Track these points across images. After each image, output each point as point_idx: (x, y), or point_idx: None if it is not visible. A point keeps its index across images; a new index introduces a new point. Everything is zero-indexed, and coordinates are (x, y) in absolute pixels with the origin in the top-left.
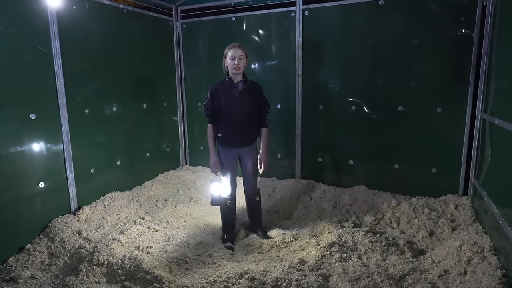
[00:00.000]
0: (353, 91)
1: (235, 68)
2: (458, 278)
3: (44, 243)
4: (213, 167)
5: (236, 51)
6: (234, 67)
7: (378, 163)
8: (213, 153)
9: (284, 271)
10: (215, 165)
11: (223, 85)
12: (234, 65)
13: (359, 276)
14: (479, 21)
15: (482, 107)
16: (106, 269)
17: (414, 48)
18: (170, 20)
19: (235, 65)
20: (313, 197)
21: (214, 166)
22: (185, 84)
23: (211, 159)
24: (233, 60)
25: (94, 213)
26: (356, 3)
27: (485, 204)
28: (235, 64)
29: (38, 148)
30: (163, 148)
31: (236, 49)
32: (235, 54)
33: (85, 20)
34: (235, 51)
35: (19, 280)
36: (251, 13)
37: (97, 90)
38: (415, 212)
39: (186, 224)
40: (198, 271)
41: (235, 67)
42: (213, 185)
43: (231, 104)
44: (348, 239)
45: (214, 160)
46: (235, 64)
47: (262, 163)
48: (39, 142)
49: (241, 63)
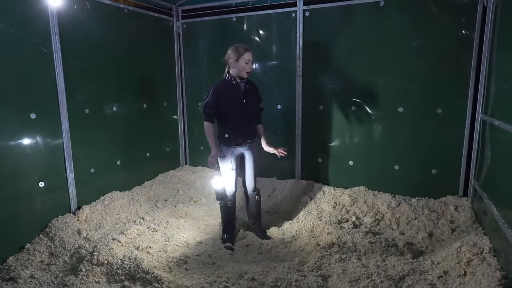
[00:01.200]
0: (353, 91)
1: (248, 72)
2: (457, 280)
3: (43, 243)
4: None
5: (251, 55)
6: (247, 71)
7: (378, 164)
8: (214, 147)
9: (284, 272)
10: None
11: (226, 85)
12: (248, 70)
13: (359, 277)
14: (480, 22)
15: (482, 108)
16: (106, 269)
17: (414, 49)
18: (171, 20)
19: (249, 69)
20: (313, 198)
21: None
22: (186, 84)
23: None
24: (247, 64)
25: (94, 213)
26: (357, 4)
27: (485, 206)
28: (249, 68)
29: (38, 148)
30: (163, 148)
31: (250, 54)
32: (250, 58)
33: (86, 19)
34: (250, 56)
35: (18, 279)
36: (252, 14)
37: (97, 90)
38: (415, 213)
39: (186, 224)
40: (198, 271)
41: (247, 72)
42: (214, 179)
43: (237, 104)
44: (348, 239)
45: (214, 153)
46: (249, 68)
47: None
48: (39, 141)
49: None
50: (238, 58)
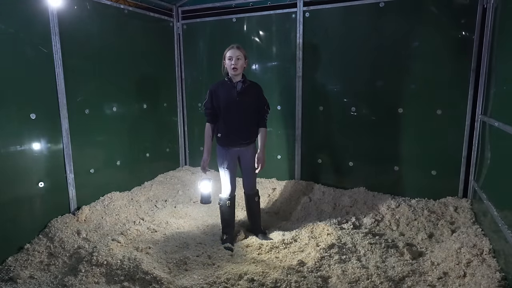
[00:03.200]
0: (353, 92)
1: (233, 68)
2: (457, 281)
3: (43, 243)
4: (203, 165)
5: (234, 52)
6: (232, 67)
7: (378, 165)
8: (206, 152)
9: (283, 273)
10: (205, 162)
11: (222, 85)
12: (231, 65)
13: (359, 278)
14: (479, 23)
15: (482, 109)
16: (105, 270)
17: (414, 50)
18: (171, 21)
19: (232, 65)
20: (313, 199)
21: (204, 164)
22: (185, 84)
23: (203, 157)
24: (231, 61)
25: (93, 213)
26: (357, 5)
27: (485, 207)
28: (232, 65)
29: (38, 148)
30: (163, 149)
31: (234, 50)
32: (233, 54)
33: (86, 20)
34: (233, 52)
35: (18, 280)
36: (252, 14)
37: (97, 90)
38: (415, 214)
39: (186, 225)
40: (197, 272)
41: (232, 68)
42: (203, 183)
43: (231, 104)
44: (348, 240)
45: (204, 158)
46: (232, 65)
47: (260, 162)
48: (39, 141)
49: (239, 63)
50: (224, 57)
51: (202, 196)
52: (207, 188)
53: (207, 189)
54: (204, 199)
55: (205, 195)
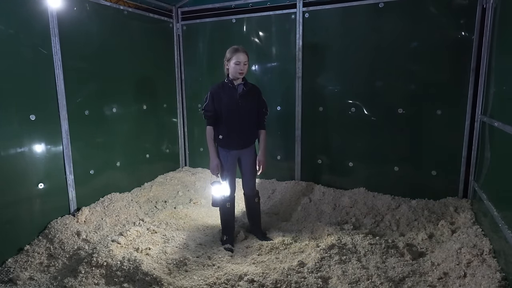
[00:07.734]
0: (353, 93)
1: (240, 73)
2: (457, 281)
3: (43, 244)
4: (215, 170)
5: (243, 57)
6: (239, 72)
7: (378, 165)
8: (214, 155)
9: (284, 273)
10: (217, 167)
11: (223, 87)
12: (239, 70)
13: (359, 279)
14: (479, 23)
15: (481, 109)
16: (105, 271)
17: (414, 50)
18: (171, 22)
19: (240, 71)
20: (313, 199)
21: (215, 169)
22: (185, 85)
23: (213, 162)
24: (238, 66)
25: (93, 215)
26: (356, 5)
27: (485, 207)
28: (240, 70)
29: (38, 149)
30: (162, 150)
31: (242, 55)
32: (241, 60)
33: (86, 21)
34: (241, 57)
35: (17, 281)
36: (252, 15)
37: (97, 91)
38: (415, 215)
39: (186, 226)
40: (197, 273)
41: (239, 72)
42: (214, 187)
43: (232, 107)
44: (348, 241)
45: (215, 163)
46: (240, 70)
47: (261, 165)
48: (38, 143)
49: (245, 68)
50: (229, 60)
51: (214, 199)
52: (218, 192)
53: (219, 192)
54: (216, 202)
55: (217, 199)
